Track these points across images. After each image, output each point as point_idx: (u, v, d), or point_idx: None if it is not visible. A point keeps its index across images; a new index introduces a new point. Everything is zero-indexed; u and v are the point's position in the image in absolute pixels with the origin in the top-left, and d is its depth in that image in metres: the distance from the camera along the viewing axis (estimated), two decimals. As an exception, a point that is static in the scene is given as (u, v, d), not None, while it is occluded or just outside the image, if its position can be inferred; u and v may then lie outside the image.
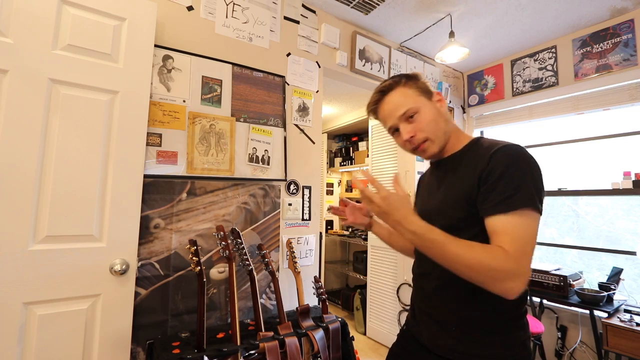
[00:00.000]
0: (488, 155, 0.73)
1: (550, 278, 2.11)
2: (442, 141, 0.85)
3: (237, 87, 1.73)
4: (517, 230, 0.67)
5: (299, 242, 1.91)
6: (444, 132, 0.85)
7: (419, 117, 0.83)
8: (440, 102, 0.87)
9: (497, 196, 0.69)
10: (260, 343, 1.34)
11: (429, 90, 0.86)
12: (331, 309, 3.13)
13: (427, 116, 0.83)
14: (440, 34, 2.40)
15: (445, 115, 0.86)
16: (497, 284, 0.64)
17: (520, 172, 0.70)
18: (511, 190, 0.68)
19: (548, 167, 2.64)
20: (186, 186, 1.54)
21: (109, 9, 1.31)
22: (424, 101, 0.84)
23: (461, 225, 0.76)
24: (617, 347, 1.73)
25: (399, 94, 0.85)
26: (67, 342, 1.17)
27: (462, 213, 0.76)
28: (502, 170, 0.70)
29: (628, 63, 2.11)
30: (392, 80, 0.87)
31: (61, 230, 1.18)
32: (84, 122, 1.24)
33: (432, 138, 0.83)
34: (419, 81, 0.86)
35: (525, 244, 0.66)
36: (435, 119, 0.83)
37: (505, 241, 0.66)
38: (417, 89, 0.85)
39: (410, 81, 0.86)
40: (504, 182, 0.69)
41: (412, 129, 0.83)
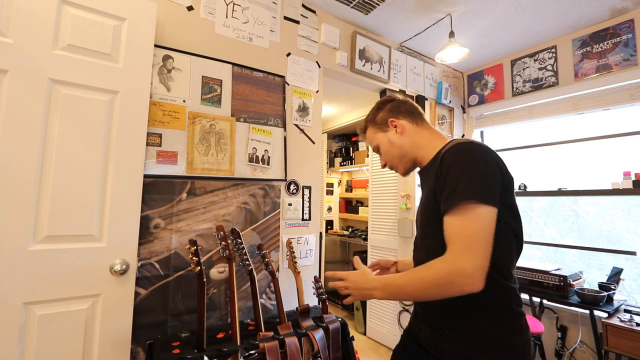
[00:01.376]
0: (440, 158, 0.80)
1: (550, 278, 2.11)
2: (401, 163, 0.98)
3: (237, 87, 1.73)
4: (455, 228, 0.71)
5: (299, 242, 1.91)
6: (399, 157, 0.98)
7: (380, 150, 1.02)
8: (395, 127, 0.97)
9: (444, 196, 0.74)
10: (260, 343, 1.34)
11: (384, 121, 1.00)
12: (331, 309, 3.13)
13: (384, 149, 1.00)
14: (440, 34, 2.40)
15: (396, 142, 0.97)
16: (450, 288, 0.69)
17: (460, 167, 0.73)
18: (452, 187, 0.73)
19: (548, 167, 2.64)
20: (186, 186, 1.54)
21: (109, 9, 1.31)
22: (379, 136, 1.01)
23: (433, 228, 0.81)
24: (617, 347, 1.73)
25: (367, 135, 1.06)
26: (67, 342, 1.17)
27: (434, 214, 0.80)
28: (447, 169, 0.75)
29: (628, 63, 2.11)
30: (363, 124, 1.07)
31: (61, 230, 1.18)
32: (84, 122, 1.24)
33: (393, 164, 1.00)
34: (378, 116, 1.01)
35: (464, 240, 0.69)
36: (388, 150, 0.99)
37: (449, 241, 0.72)
38: (375, 127, 1.02)
39: (372, 120, 1.03)
40: (449, 180, 0.74)
41: (381, 158, 1.04)
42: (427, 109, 2.77)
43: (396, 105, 1.00)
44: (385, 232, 2.87)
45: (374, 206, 3.03)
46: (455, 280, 0.68)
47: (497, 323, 0.76)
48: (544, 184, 2.61)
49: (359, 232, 3.74)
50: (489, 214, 0.70)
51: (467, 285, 0.68)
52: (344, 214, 4.17)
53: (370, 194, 3.10)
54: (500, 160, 0.77)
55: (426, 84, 2.78)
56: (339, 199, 4.30)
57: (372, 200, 3.06)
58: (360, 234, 3.64)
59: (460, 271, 0.67)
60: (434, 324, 0.84)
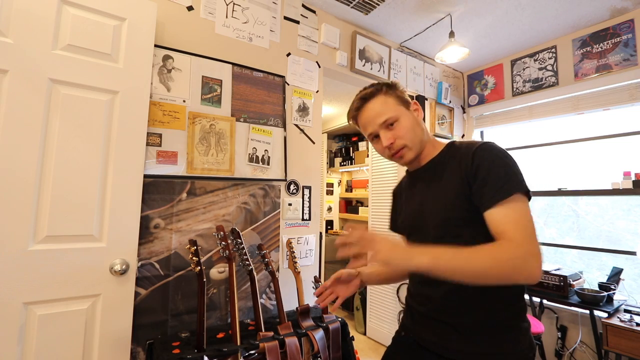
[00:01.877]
0: (470, 154, 0.78)
1: (550, 278, 2.11)
2: (418, 148, 0.89)
3: (237, 87, 1.73)
4: (516, 215, 0.70)
5: (299, 242, 1.91)
6: (421, 140, 0.89)
7: (398, 125, 0.87)
8: (417, 111, 0.91)
9: (491, 188, 0.73)
10: (260, 343, 1.34)
11: (406, 99, 0.90)
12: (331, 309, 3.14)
13: (406, 124, 0.87)
14: (440, 34, 2.40)
15: (421, 124, 0.90)
16: (520, 271, 0.66)
17: (504, 163, 0.75)
18: (503, 179, 0.73)
19: (548, 167, 2.64)
20: (186, 186, 1.54)
21: (109, 9, 1.31)
22: (402, 110, 0.88)
23: (460, 224, 0.79)
24: (617, 347, 1.73)
25: (380, 102, 0.88)
26: (67, 342, 1.17)
27: (459, 213, 0.79)
28: (489, 165, 0.75)
29: (628, 63, 2.11)
30: (374, 88, 0.90)
31: (61, 230, 1.18)
32: (84, 122, 1.24)
33: (410, 145, 0.87)
34: (398, 90, 0.90)
35: (527, 226, 0.69)
36: (413, 127, 0.88)
37: (508, 229, 0.69)
38: (396, 98, 0.89)
39: (390, 90, 0.89)
40: (494, 174, 0.74)
41: (391, 135, 0.87)
42: (427, 109, 2.77)
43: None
44: (386, 232, 2.86)
45: (374, 206, 3.03)
46: (530, 264, 0.66)
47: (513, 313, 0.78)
48: (544, 184, 2.61)
49: (359, 232, 3.73)
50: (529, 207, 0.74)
51: (537, 270, 0.66)
52: (344, 214, 4.17)
53: (370, 194, 3.10)
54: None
55: (426, 84, 2.78)
56: (339, 199, 4.30)
57: (372, 200, 3.06)
58: (360, 234, 3.63)
59: (534, 255, 0.66)
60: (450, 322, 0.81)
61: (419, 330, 0.89)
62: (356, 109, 0.92)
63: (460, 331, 0.79)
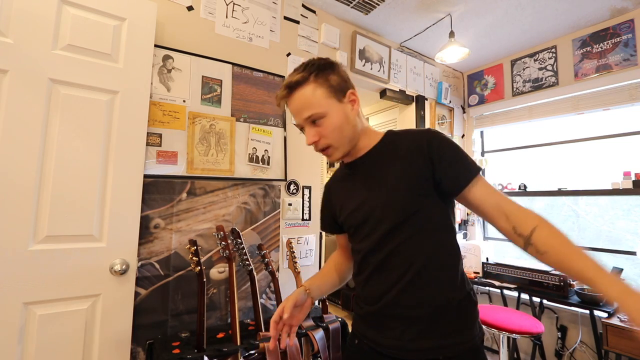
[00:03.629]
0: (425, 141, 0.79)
1: (550, 278, 2.11)
2: (346, 147, 0.82)
3: (237, 87, 1.73)
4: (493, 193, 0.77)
5: (299, 242, 1.91)
6: (350, 138, 0.81)
7: (324, 122, 0.78)
8: (353, 102, 0.82)
9: (463, 169, 0.77)
10: (260, 343, 1.34)
11: (341, 88, 0.80)
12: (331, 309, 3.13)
13: (332, 123, 0.78)
14: (440, 34, 2.40)
15: (354, 118, 0.82)
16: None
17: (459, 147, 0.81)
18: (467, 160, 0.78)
19: (548, 167, 2.64)
20: (186, 186, 1.54)
21: (109, 9, 1.31)
22: (332, 104, 0.78)
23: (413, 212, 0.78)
24: (617, 347, 1.73)
25: (307, 92, 0.77)
26: (67, 342, 1.17)
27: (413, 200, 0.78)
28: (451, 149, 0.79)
29: (628, 63, 2.11)
30: (301, 75, 0.78)
31: (61, 230, 1.18)
32: (84, 122, 1.24)
33: (336, 145, 0.80)
34: (332, 76, 0.79)
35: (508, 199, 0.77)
36: (340, 126, 0.79)
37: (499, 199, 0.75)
38: (327, 88, 0.78)
39: (321, 77, 0.78)
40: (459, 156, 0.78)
41: (315, 133, 0.79)
42: (427, 108, 2.77)
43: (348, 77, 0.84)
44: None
45: (374, 206, 3.02)
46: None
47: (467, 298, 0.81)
48: (544, 184, 2.61)
49: (359, 232, 3.73)
50: None
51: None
52: (344, 214, 4.16)
53: (370, 194, 3.09)
54: None
55: (426, 84, 2.78)
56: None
57: (372, 200, 3.05)
58: (360, 234, 3.63)
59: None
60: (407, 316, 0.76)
61: (372, 334, 0.82)
62: (282, 98, 0.82)
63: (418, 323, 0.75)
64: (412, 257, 0.77)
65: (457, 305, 0.77)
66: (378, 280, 0.81)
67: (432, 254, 0.77)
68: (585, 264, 0.65)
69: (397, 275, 0.78)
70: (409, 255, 0.77)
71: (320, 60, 0.81)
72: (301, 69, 0.80)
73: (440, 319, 0.76)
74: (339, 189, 0.93)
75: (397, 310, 0.78)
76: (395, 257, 0.78)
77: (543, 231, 0.69)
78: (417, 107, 2.70)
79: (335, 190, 0.95)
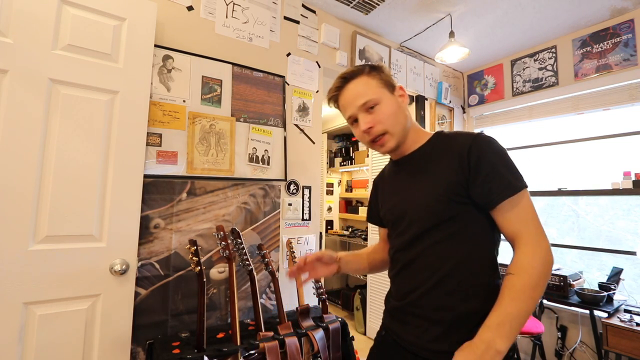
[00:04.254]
0: (466, 147, 0.75)
1: (551, 278, 2.11)
2: (400, 136, 0.84)
3: (237, 87, 1.73)
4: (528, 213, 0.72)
5: (299, 242, 1.91)
6: (403, 127, 0.84)
7: (379, 109, 0.81)
8: (403, 97, 0.86)
9: (499, 185, 0.72)
10: (260, 343, 1.34)
11: (392, 83, 0.85)
12: (331, 309, 3.13)
13: (388, 109, 0.81)
14: (440, 34, 2.40)
15: (405, 110, 0.86)
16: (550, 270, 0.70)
17: (506, 158, 0.75)
18: (508, 175, 0.72)
19: (548, 167, 2.64)
20: (186, 186, 1.54)
21: (109, 9, 1.31)
22: (386, 93, 0.83)
23: (448, 217, 0.76)
24: (617, 347, 1.73)
25: (361, 83, 0.83)
26: (67, 342, 1.17)
27: (447, 205, 0.76)
28: (492, 159, 0.74)
29: (628, 63, 2.11)
30: (356, 68, 0.85)
31: (61, 230, 1.18)
32: (84, 122, 1.24)
33: (391, 132, 0.82)
34: (382, 72, 0.85)
35: (535, 220, 0.72)
36: (395, 112, 0.82)
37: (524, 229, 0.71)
38: (380, 80, 0.83)
39: (375, 71, 0.84)
40: (499, 169, 0.73)
41: (371, 119, 0.81)
42: (427, 109, 2.77)
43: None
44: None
45: (374, 206, 3.02)
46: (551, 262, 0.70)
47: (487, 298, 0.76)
48: (544, 184, 2.61)
49: (359, 232, 3.74)
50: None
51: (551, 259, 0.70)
52: (344, 214, 4.17)
53: (370, 194, 3.09)
54: None
55: (426, 84, 2.78)
56: (339, 199, 4.30)
57: (372, 200, 3.05)
58: (360, 234, 3.64)
59: (549, 251, 0.70)
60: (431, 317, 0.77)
61: (396, 327, 0.85)
62: (336, 89, 0.86)
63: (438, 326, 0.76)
64: (439, 263, 0.76)
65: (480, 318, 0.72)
66: (405, 278, 0.84)
67: (460, 262, 0.75)
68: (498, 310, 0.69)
69: (423, 277, 0.79)
70: (436, 259, 0.77)
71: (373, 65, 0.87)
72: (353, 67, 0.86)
73: (460, 326, 0.74)
74: (385, 184, 0.97)
75: (419, 310, 0.79)
76: (423, 259, 0.78)
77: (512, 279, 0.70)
78: (417, 107, 2.70)
79: (382, 185, 0.99)
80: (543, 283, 0.68)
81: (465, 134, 0.80)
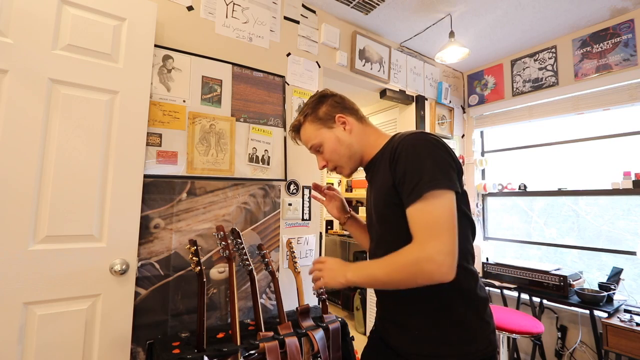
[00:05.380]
0: (393, 150, 0.79)
1: (550, 278, 2.11)
2: (349, 164, 0.93)
3: (237, 87, 1.73)
4: (422, 216, 0.70)
5: (299, 242, 1.91)
6: (348, 156, 0.92)
7: (323, 149, 0.93)
8: (343, 124, 0.91)
9: (407, 188, 0.73)
10: (260, 343, 1.34)
11: (330, 116, 0.91)
12: (331, 309, 3.14)
13: (329, 148, 0.92)
14: (440, 34, 2.40)
15: (345, 140, 0.91)
16: (420, 275, 0.68)
17: (419, 158, 0.73)
18: (415, 179, 0.71)
19: (548, 167, 2.64)
20: (186, 186, 1.54)
21: (109, 9, 1.31)
22: (324, 133, 0.92)
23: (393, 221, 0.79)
24: (617, 347, 1.73)
25: (304, 132, 0.96)
26: (67, 342, 1.17)
27: (390, 209, 0.79)
28: (404, 161, 0.74)
29: (628, 63, 2.11)
30: (298, 120, 0.97)
31: (61, 230, 1.18)
32: (84, 122, 1.24)
33: (338, 164, 0.94)
34: (319, 110, 0.92)
35: (431, 227, 0.68)
36: (335, 149, 0.91)
37: (414, 231, 0.71)
38: (317, 122, 0.92)
39: (311, 115, 0.93)
40: (409, 173, 0.73)
41: (321, 159, 0.95)
42: (427, 109, 2.77)
43: (339, 101, 0.94)
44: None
45: (374, 206, 3.02)
46: (425, 268, 0.66)
47: (468, 310, 0.76)
48: (544, 184, 2.61)
49: (359, 232, 3.73)
50: (451, 199, 0.71)
51: (437, 274, 0.66)
52: (344, 214, 4.16)
53: (370, 194, 3.10)
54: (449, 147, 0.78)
55: (426, 84, 2.78)
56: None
57: (372, 200, 3.05)
58: (360, 234, 3.63)
59: (429, 259, 0.66)
60: (402, 323, 0.81)
61: (382, 328, 0.91)
62: (293, 138, 1.02)
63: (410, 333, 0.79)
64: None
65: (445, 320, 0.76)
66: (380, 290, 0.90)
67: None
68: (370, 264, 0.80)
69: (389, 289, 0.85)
70: None
71: (311, 99, 0.96)
72: (299, 113, 0.97)
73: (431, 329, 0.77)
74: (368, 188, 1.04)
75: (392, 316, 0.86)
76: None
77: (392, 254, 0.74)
78: (417, 107, 2.70)
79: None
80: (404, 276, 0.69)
81: (402, 135, 0.81)
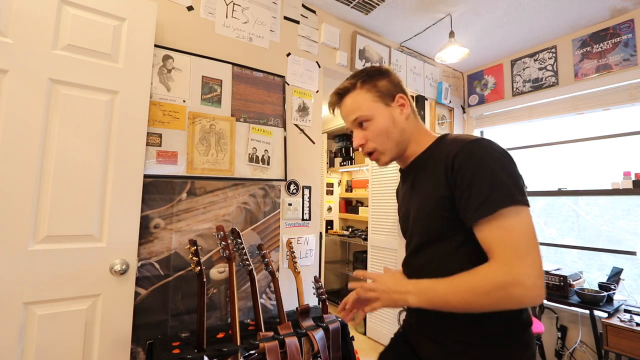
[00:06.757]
0: (451, 157, 0.69)
1: (550, 278, 2.11)
2: (393, 152, 0.82)
3: (237, 87, 1.73)
4: (503, 234, 0.62)
5: (299, 242, 1.91)
6: (397, 142, 0.81)
7: (370, 126, 0.80)
8: (402, 106, 0.81)
9: (474, 202, 0.64)
10: (260, 343, 1.34)
11: (390, 92, 0.81)
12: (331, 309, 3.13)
13: (379, 126, 0.79)
14: (440, 34, 2.40)
15: (400, 123, 0.81)
16: (507, 301, 0.60)
17: (490, 169, 0.64)
18: (486, 192, 0.63)
19: (548, 167, 2.64)
20: (186, 186, 1.54)
21: (109, 9, 1.31)
22: (379, 108, 0.80)
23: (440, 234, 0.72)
24: (617, 347, 1.73)
25: (352, 99, 0.82)
26: (67, 342, 1.17)
27: (438, 221, 0.72)
28: (471, 172, 0.65)
29: (628, 63, 2.11)
30: (349, 82, 0.83)
31: (61, 230, 1.18)
32: (84, 122, 1.24)
33: (381, 150, 0.81)
34: (381, 81, 0.81)
35: (516, 247, 0.60)
36: (386, 129, 0.79)
37: (493, 250, 0.63)
38: (375, 93, 0.80)
39: (369, 84, 0.81)
40: (477, 184, 0.64)
41: (362, 136, 0.82)
42: (427, 109, 2.77)
43: (400, 81, 0.83)
44: (386, 232, 2.86)
45: (374, 206, 3.03)
46: (513, 293, 0.59)
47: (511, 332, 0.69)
48: (544, 184, 2.61)
49: (359, 232, 3.74)
50: (530, 216, 0.63)
51: (528, 298, 0.59)
52: (344, 214, 4.17)
53: (370, 194, 3.10)
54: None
55: (426, 84, 2.78)
56: (339, 199, 4.30)
57: (372, 200, 3.06)
58: (360, 234, 3.64)
59: (517, 282, 0.58)
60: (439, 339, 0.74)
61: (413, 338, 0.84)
62: (332, 104, 0.87)
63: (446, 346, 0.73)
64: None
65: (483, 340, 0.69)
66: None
67: None
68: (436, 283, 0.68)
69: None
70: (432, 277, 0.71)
71: (369, 68, 0.83)
72: (349, 77, 0.83)
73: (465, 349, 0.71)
74: (401, 194, 0.93)
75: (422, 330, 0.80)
76: (422, 275, 0.73)
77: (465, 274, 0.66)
78: (417, 107, 2.70)
79: (399, 195, 0.97)
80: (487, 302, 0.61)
81: (460, 140, 0.71)
